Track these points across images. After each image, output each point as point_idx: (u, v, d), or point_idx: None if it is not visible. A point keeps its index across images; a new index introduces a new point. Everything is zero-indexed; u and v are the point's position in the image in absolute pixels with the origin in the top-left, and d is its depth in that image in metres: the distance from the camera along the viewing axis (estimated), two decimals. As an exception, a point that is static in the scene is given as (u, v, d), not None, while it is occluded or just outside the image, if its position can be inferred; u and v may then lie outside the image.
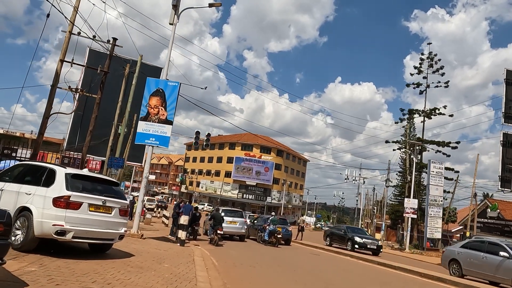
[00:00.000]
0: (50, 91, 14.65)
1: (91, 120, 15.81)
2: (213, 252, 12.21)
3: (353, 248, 19.21)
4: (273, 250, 15.60)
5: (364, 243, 19.54)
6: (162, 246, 11.04)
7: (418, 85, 45.55)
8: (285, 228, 18.50)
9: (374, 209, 46.68)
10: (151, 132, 12.22)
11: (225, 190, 73.99)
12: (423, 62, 45.97)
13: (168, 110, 12.34)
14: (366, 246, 19.54)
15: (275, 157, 75.96)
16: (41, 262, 6.03)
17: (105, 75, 15.98)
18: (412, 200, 29.79)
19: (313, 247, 19.34)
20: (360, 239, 19.66)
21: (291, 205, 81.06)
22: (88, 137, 15.59)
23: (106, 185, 7.60)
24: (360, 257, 15.76)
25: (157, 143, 12.22)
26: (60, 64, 14.81)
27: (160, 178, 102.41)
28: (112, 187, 7.67)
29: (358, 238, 19.64)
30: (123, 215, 7.56)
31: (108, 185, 7.65)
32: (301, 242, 20.73)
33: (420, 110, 45.66)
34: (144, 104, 12.44)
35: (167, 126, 12.27)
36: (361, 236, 20.34)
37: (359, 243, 19.39)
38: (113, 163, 14.96)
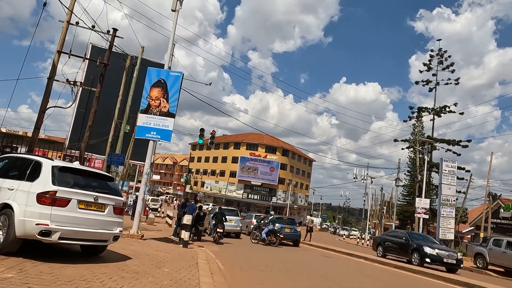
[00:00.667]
0: (47, 84, 13.92)
1: (90, 115, 15.06)
2: (218, 254, 11.38)
3: (423, 262, 14.33)
4: (282, 251, 14.75)
5: (439, 255, 14.32)
6: (164, 247, 10.23)
7: (428, 82, 44.53)
8: (293, 229, 17.64)
9: (383, 209, 45.54)
10: (152, 125, 11.43)
11: (230, 190, 73.18)
12: (432, 59, 44.95)
13: (170, 102, 11.54)
14: (442, 260, 14.35)
15: (281, 157, 75.04)
16: (22, 267, 5.23)
17: (105, 68, 15.22)
18: (423, 200, 28.77)
19: (323, 248, 18.40)
20: (432, 249, 14.55)
21: (297, 206, 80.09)
22: (87, 132, 14.83)
23: (100, 180, 6.80)
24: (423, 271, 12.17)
25: (158, 137, 11.42)
26: (58, 55, 14.08)
27: (165, 178, 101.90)
28: (106, 182, 6.87)
29: (429, 249, 14.55)
30: (118, 213, 6.75)
31: (102, 180, 6.85)
32: (310, 243, 19.83)
33: (429, 108, 44.69)
34: (144, 95, 11.65)
35: (169, 119, 11.47)
36: (433, 245, 15.14)
37: (431, 256, 14.33)
38: (113, 160, 14.21)
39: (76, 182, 6.30)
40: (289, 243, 18.32)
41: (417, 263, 14.47)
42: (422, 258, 14.39)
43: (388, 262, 14.27)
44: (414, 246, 15.10)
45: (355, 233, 60.38)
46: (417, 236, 16.73)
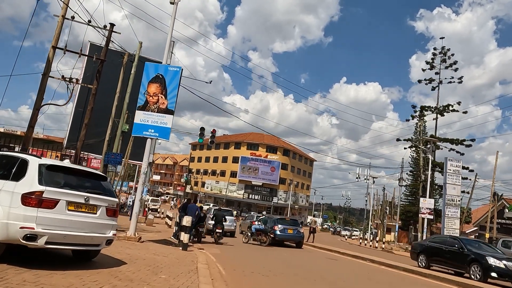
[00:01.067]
0: (41, 80, 13.43)
1: (86, 113, 14.57)
2: (219, 257, 10.89)
3: (486, 276, 11.77)
4: (285, 254, 14.26)
5: (509, 269, 11.60)
6: (162, 250, 9.73)
7: (431, 81, 44.02)
8: (296, 230, 17.13)
9: (386, 209, 44.95)
10: (150, 122, 10.94)
11: (230, 190, 72.71)
12: (435, 57, 44.45)
13: (168, 98, 11.05)
14: None
15: (281, 157, 74.54)
16: (3, 275, 4.73)
17: (102, 64, 14.73)
18: (428, 200, 28.28)
19: (327, 250, 17.87)
20: (498, 261, 11.83)
21: (298, 206, 79.58)
22: (83, 131, 14.34)
23: (92, 179, 6.31)
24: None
25: (156, 135, 10.93)
26: (52, 51, 13.59)
27: (165, 179, 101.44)
28: (98, 182, 6.38)
29: (494, 260, 11.85)
30: (111, 215, 6.26)
31: (94, 179, 6.36)
32: (313, 245, 19.31)
33: (432, 107, 44.18)
34: (142, 91, 11.15)
35: (168, 116, 10.97)
36: (497, 255, 12.40)
37: (498, 269, 11.63)
38: (110, 159, 13.71)
39: (66, 182, 5.81)
40: (291, 245, 17.82)
41: (478, 277, 11.87)
42: (486, 272, 11.76)
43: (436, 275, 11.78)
44: (472, 256, 12.44)
45: (356, 233, 59.86)
46: (473, 244, 13.95)
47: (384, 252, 26.88)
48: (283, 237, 16.84)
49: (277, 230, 16.72)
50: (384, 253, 25.39)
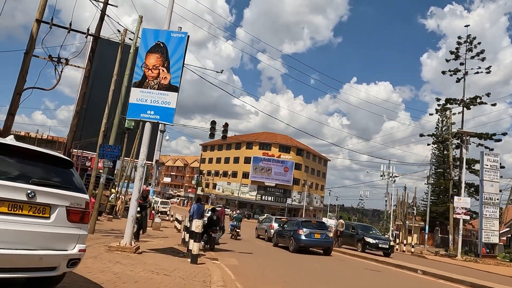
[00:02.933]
0: (24, 59, 11.35)
1: (78, 98, 12.44)
2: (237, 271, 8.60)
3: None
4: (316, 263, 11.88)
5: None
6: (164, 265, 7.46)
7: (456, 71, 41.06)
8: (324, 234, 14.70)
9: (413, 210, 41.93)
10: (149, 102, 8.71)
11: (242, 191, 70.38)
12: (460, 46, 41.51)
13: (172, 72, 8.81)
14: None
15: (295, 156, 71.99)
16: None
17: (96, 41, 12.60)
18: (463, 199, 25.53)
19: (361, 257, 15.35)
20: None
21: (312, 207, 76.85)
22: (75, 119, 12.22)
23: (44, 164, 4.05)
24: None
25: (157, 117, 8.68)
26: (36, 25, 11.51)
27: (176, 181, 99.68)
28: (56, 170, 4.12)
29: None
30: (76, 220, 3.99)
31: (49, 164, 4.10)
32: (343, 251, 16.80)
33: (458, 99, 41.22)
34: (139, 64, 8.93)
35: (171, 93, 8.73)
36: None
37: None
38: (106, 153, 11.54)
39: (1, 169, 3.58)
40: (318, 251, 15.41)
41: None
42: None
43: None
44: None
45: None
46: None
47: (415, 257, 24.22)
48: (309, 242, 14.44)
49: (302, 234, 14.34)
50: (416, 258, 22.76)
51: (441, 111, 46.16)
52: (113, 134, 12.34)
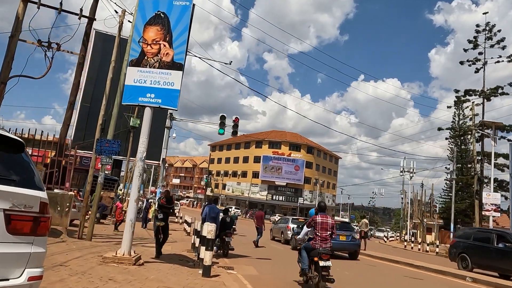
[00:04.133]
0: (9, 44, 10.02)
1: (72, 87, 11.08)
2: (258, 282, 7.14)
3: None
4: (345, 270, 10.34)
5: None
6: (170, 281, 6.01)
7: (475, 61, 39.10)
8: (350, 236, 13.13)
9: (431, 207, 39.95)
10: (149, 84, 7.28)
11: (253, 191, 68.93)
12: (479, 34, 39.55)
13: (175, 47, 7.37)
14: None
15: (305, 155, 70.28)
16: None
17: (91, 23, 11.23)
18: (493, 194, 23.72)
19: (392, 261, 13.66)
20: None
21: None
22: (68, 111, 10.86)
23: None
24: None
25: (158, 101, 7.24)
26: (22, 5, 10.17)
27: (185, 182, 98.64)
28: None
29: None
30: (23, 231, 2.55)
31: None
32: (369, 254, 15.22)
33: (477, 90, 39.27)
34: (136, 39, 7.51)
35: (175, 72, 7.29)
36: None
37: None
38: (104, 149, 10.17)
39: None
40: (343, 255, 13.86)
41: None
42: None
43: None
44: None
45: (389, 233, 54.94)
46: None
47: (442, 257, 22.49)
48: (334, 246, 12.83)
49: (325, 236, 12.77)
50: (443, 259, 21.05)
51: (457, 104, 44.29)
52: (112, 127, 10.95)
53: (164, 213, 8.59)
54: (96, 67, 25.76)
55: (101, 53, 25.72)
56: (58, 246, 7.48)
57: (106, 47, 25.99)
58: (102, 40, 26.59)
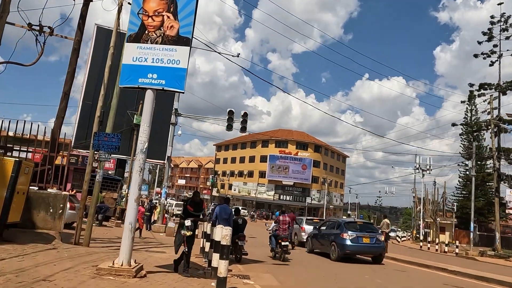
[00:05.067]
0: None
1: (66, 75, 10.01)
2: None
3: None
4: (375, 277, 9.17)
5: None
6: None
7: (490, 54, 37.63)
8: (375, 238, 11.93)
9: (444, 205, 38.37)
10: (150, 62, 6.17)
11: (260, 191, 67.74)
12: (493, 26, 38.08)
13: (180, 19, 6.26)
14: None
15: (313, 153, 68.97)
16: None
17: (87, 5, 10.16)
18: (517, 191, 22.34)
19: (421, 265, 12.39)
20: None
21: (333, 206, 73.68)
22: (62, 102, 9.78)
23: None
24: None
25: (162, 82, 6.12)
26: (9, -17, 9.06)
27: (190, 182, 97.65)
28: None
29: None
30: None
31: None
32: (394, 257, 13.95)
33: (493, 84, 37.82)
34: (134, 10, 6.39)
35: (181, 48, 6.18)
36: None
37: None
38: (102, 143, 9.10)
39: None
40: (365, 259, 12.68)
41: None
42: None
43: None
44: None
45: (399, 233, 53.42)
46: None
47: (463, 259, 21.20)
48: (357, 249, 11.70)
49: (347, 239, 11.62)
50: (468, 261, 19.76)
51: (471, 99, 42.97)
52: (111, 119, 9.87)
53: (193, 220, 7.07)
54: (98, 64, 24.78)
55: (104, 50, 24.70)
56: (47, 254, 6.39)
57: (109, 44, 25.04)
58: (105, 36, 25.54)
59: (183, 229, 6.98)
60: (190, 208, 7.19)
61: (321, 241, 13.29)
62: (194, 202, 7.33)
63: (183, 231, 6.96)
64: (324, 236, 13.09)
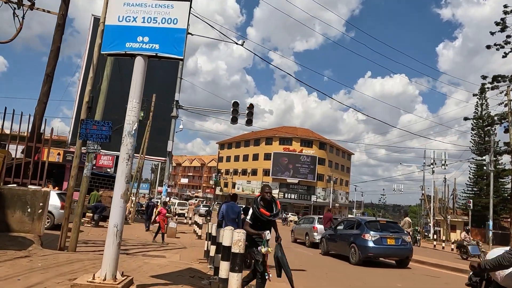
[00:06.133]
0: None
1: (50, 54, 8.76)
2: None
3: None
4: (409, 282, 7.87)
5: None
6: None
7: (505, 44, 36.13)
8: (400, 239, 10.62)
9: (469, 202, 36.64)
10: (140, 22, 4.88)
11: (264, 190, 66.35)
12: (507, 16, 36.57)
13: (178, -32, 4.94)
14: None
15: (318, 151, 67.61)
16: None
17: (71, -25, 8.85)
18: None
19: (458, 271, 11.09)
20: None
21: (338, 204, 72.31)
22: (45, 86, 8.51)
23: None
24: None
25: (155, 47, 4.83)
26: None
27: (193, 181, 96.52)
28: None
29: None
30: None
31: None
32: (419, 260, 12.61)
33: (507, 76, 36.36)
34: (120, -41, 5.08)
35: (179, 4, 4.89)
36: None
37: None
38: (91, 132, 7.85)
39: None
40: (389, 262, 11.37)
41: None
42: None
43: None
44: None
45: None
46: None
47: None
48: (381, 251, 10.39)
49: (369, 240, 10.32)
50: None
51: (482, 91, 41.57)
52: (101, 104, 8.61)
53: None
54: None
55: (101, 42, 23.64)
56: (14, 265, 5.13)
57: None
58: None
59: (263, 244, 4.89)
60: (266, 213, 5.04)
61: (338, 243, 11.99)
62: (265, 200, 5.18)
63: (263, 249, 4.84)
64: (342, 237, 11.78)
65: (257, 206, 5.12)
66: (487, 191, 44.71)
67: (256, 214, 5.08)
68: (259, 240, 4.98)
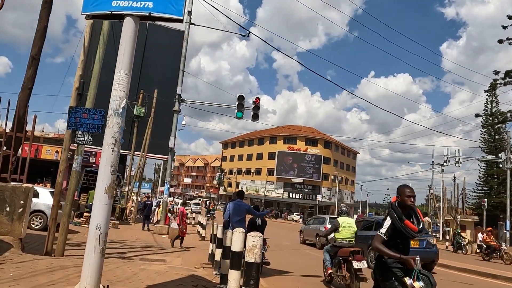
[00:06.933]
0: None
1: (35, 34, 7.84)
2: None
3: None
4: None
5: None
6: None
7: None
8: (425, 241, 9.62)
9: (483, 201, 35.45)
10: (130, -25, 3.92)
11: (268, 189, 65.42)
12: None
13: None
14: None
15: (323, 150, 66.49)
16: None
17: None
18: None
19: (490, 277, 10.08)
20: None
21: (343, 203, 71.15)
22: (30, 70, 7.60)
23: None
24: None
25: (148, 5, 3.89)
26: None
27: (196, 181, 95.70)
28: None
29: None
30: None
31: None
32: (442, 263, 11.60)
33: (520, 71, 35.33)
34: None
35: (177, -48, 3.91)
36: None
37: None
38: (81, 120, 6.95)
39: None
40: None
41: None
42: None
43: None
44: None
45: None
46: None
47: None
48: (404, 254, 9.41)
49: (390, 242, 9.33)
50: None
51: (494, 87, 40.61)
52: (92, 91, 7.70)
53: None
54: (94, 51, 22.73)
55: (100, 36, 22.69)
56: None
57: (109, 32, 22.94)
58: (99, 23, 23.53)
59: (412, 277, 3.10)
60: (414, 227, 3.31)
61: (355, 245, 10.98)
62: (404, 208, 3.39)
63: (418, 284, 3.07)
64: (359, 239, 10.77)
65: (399, 216, 3.36)
66: (498, 190, 43.56)
67: (397, 228, 3.32)
68: (397, 267, 3.25)
